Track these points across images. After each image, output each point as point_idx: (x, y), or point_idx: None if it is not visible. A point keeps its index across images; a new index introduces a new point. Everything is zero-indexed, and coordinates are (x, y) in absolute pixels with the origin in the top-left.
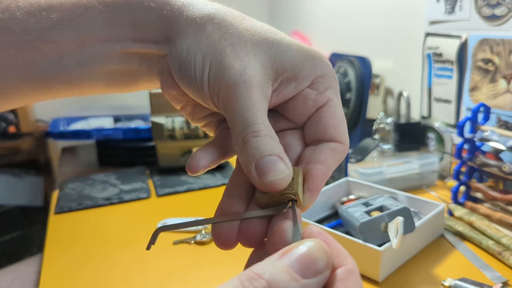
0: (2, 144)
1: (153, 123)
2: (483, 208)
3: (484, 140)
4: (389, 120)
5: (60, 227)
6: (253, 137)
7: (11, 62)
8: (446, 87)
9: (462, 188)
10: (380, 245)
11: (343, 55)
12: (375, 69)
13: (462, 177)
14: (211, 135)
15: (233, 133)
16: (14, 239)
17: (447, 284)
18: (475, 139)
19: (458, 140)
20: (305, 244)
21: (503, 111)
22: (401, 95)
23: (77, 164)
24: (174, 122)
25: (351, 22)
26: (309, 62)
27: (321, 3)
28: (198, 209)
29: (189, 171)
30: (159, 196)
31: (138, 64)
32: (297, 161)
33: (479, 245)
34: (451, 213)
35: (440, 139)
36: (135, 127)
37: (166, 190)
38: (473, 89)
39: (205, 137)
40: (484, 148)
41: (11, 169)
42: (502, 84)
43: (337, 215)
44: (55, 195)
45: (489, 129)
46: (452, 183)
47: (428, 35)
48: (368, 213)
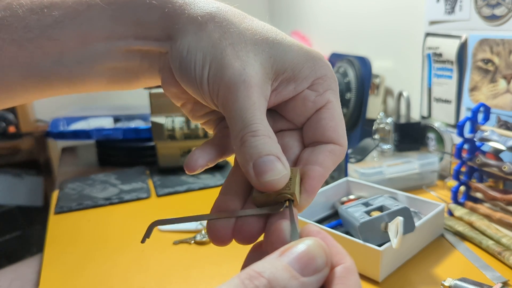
0: (2, 144)
1: (153, 123)
2: (483, 208)
3: (484, 140)
4: (389, 120)
5: (60, 227)
6: (251, 137)
7: (12, 59)
8: (446, 87)
9: (462, 188)
10: (380, 245)
11: (343, 55)
12: (375, 69)
13: (462, 177)
14: (211, 132)
15: (232, 132)
16: (14, 239)
17: (447, 284)
18: (475, 139)
19: (458, 140)
20: (304, 242)
21: (503, 111)
22: (401, 95)
23: (77, 164)
24: (174, 122)
25: (351, 22)
26: (309, 63)
27: (321, 3)
28: (198, 209)
29: (187, 170)
30: (159, 196)
31: (139, 61)
32: (295, 162)
33: (479, 245)
34: (451, 213)
35: (440, 139)
36: (135, 127)
37: (166, 190)
38: (473, 89)
39: (205, 137)
40: (484, 148)
41: (11, 169)
42: (502, 84)
43: (337, 215)
44: (55, 195)
45: (489, 129)
46: (452, 183)
47: (428, 35)
48: (368, 213)
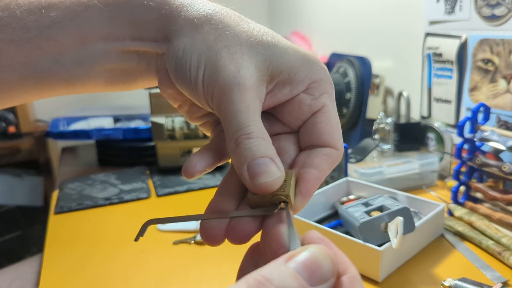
0: (2, 144)
1: (153, 123)
2: (483, 208)
3: (484, 140)
4: (389, 120)
5: (60, 227)
6: (246, 139)
7: (11, 59)
8: (446, 87)
9: (462, 188)
10: (380, 245)
11: (343, 55)
12: (375, 69)
13: (462, 177)
14: (208, 134)
15: (227, 135)
16: (14, 239)
17: (447, 284)
18: (475, 139)
19: (458, 140)
20: (308, 249)
21: (503, 111)
22: (401, 95)
23: (77, 164)
24: (174, 122)
25: (351, 22)
26: (305, 66)
27: (321, 3)
28: (198, 209)
29: (185, 175)
30: (159, 196)
31: (136, 62)
32: (291, 166)
33: (479, 245)
34: (451, 213)
35: (440, 139)
36: (135, 127)
37: (166, 190)
38: (473, 89)
39: (205, 137)
40: (484, 148)
41: (11, 169)
42: (502, 84)
43: (337, 215)
44: (55, 195)
45: (489, 129)
46: (452, 183)
47: (428, 35)
48: (368, 213)
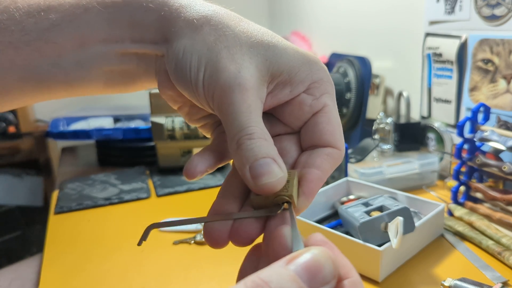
0: (2, 144)
1: (153, 123)
2: (483, 208)
3: (484, 140)
4: (389, 120)
5: (60, 227)
6: (247, 140)
7: (10, 62)
8: (446, 87)
9: (462, 188)
10: (380, 245)
11: (343, 55)
12: (375, 69)
13: (462, 177)
14: (208, 136)
15: (228, 136)
16: (14, 239)
17: (447, 284)
18: (475, 139)
19: (458, 140)
20: (310, 251)
21: (503, 111)
22: (401, 95)
23: (77, 164)
24: (174, 122)
25: (351, 22)
26: (305, 66)
27: (321, 3)
28: (198, 209)
29: (186, 176)
30: (159, 196)
31: (136, 64)
32: (293, 166)
33: (479, 245)
34: (451, 213)
35: (440, 139)
36: (135, 127)
37: (166, 190)
38: (473, 89)
39: (205, 137)
40: (484, 148)
41: (11, 169)
42: (502, 84)
43: (337, 215)
44: (55, 195)
45: (489, 129)
46: (452, 183)
47: (428, 35)
48: (368, 213)
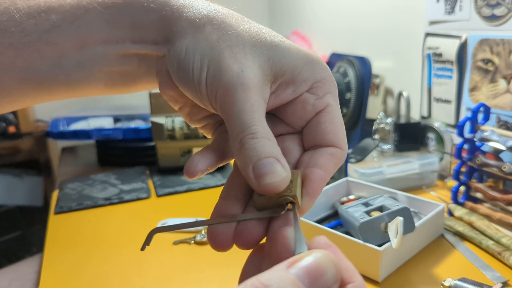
0: (2, 144)
1: (153, 123)
2: (483, 208)
3: (484, 140)
4: (389, 120)
5: (60, 227)
6: (251, 139)
7: (10, 63)
8: (446, 87)
9: (462, 188)
10: (380, 245)
11: (343, 55)
12: (375, 69)
13: (462, 177)
14: (209, 137)
15: (231, 135)
16: (14, 239)
17: (447, 284)
18: (475, 139)
19: (458, 140)
20: (313, 255)
21: (503, 111)
22: (401, 95)
23: (77, 164)
24: (174, 122)
25: (351, 22)
26: (308, 66)
27: (321, 3)
28: (198, 209)
29: (187, 175)
30: (159, 196)
31: (137, 65)
32: (295, 166)
33: (479, 245)
34: (451, 213)
35: (440, 139)
36: (135, 127)
37: (166, 190)
38: (473, 89)
39: (205, 137)
40: (484, 148)
41: (11, 169)
42: (502, 84)
43: (337, 215)
44: (55, 195)
45: (489, 129)
46: (452, 183)
47: (428, 35)
48: (368, 213)
